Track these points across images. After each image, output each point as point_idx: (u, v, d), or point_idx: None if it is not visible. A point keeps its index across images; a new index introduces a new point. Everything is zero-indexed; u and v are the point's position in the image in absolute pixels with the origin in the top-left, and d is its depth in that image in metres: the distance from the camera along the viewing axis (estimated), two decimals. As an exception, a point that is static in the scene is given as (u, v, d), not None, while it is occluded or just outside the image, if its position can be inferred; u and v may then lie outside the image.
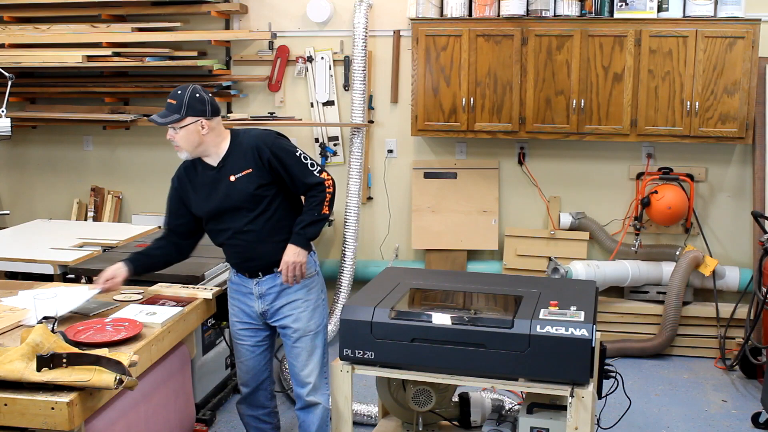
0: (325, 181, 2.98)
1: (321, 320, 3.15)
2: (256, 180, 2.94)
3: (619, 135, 4.83)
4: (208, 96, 2.96)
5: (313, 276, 3.11)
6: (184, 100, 2.89)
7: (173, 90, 2.92)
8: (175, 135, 2.92)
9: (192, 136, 2.92)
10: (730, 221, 5.10)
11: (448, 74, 4.92)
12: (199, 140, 2.94)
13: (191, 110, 2.89)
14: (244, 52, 5.51)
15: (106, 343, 2.58)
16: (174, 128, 2.91)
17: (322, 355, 3.15)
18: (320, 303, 3.15)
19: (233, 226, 3.00)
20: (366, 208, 5.49)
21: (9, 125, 4.13)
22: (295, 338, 3.09)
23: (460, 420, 3.30)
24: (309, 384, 3.12)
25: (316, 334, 3.12)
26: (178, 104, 2.89)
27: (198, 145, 2.95)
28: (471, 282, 3.32)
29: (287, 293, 3.06)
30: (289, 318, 3.08)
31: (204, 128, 2.92)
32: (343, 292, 5.19)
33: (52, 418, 2.23)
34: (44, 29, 5.34)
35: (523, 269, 5.17)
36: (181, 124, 2.90)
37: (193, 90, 2.92)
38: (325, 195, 2.97)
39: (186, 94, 2.90)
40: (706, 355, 4.88)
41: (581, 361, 2.60)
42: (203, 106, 2.92)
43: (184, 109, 2.88)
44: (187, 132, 2.91)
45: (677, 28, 4.67)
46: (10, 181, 6.05)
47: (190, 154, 2.98)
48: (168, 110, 2.90)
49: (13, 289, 3.31)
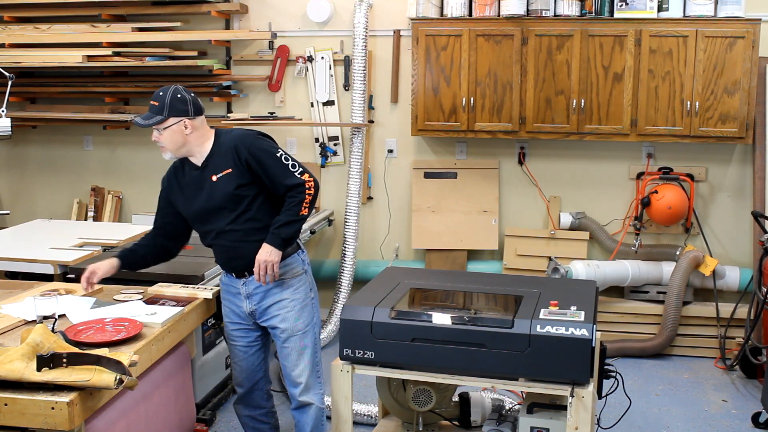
0: (306, 183, 2.93)
1: (310, 319, 3.12)
2: (236, 180, 2.95)
3: (619, 135, 4.83)
4: (190, 95, 2.97)
5: (299, 275, 3.09)
6: (165, 100, 2.91)
7: (155, 92, 2.95)
8: (160, 136, 2.95)
9: (176, 136, 2.94)
10: (730, 221, 5.10)
11: (448, 74, 4.92)
12: (183, 140, 2.95)
13: (173, 110, 2.91)
14: (244, 52, 5.51)
15: (106, 343, 2.58)
16: (158, 129, 2.93)
17: (312, 354, 3.13)
18: (308, 302, 3.12)
19: (217, 226, 3.01)
20: (366, 208, 5.49)
21: (9, 125, 4.13)
22: (284, 338, 3.10)
23: (460, 420, 3.30)
24: (300, 384, 3.13)
25: (304, 334, 3.10)
26: (160, 105, 2.91)
27: (182, 146, 2.97)
28: (471, 282, 3.32)
29: (273, 293, 3.06)
30: (276, 318, 3.08)
31: (187, 128, 2.94)
32: (343, 292, 5.19)
33: (52, 418, 2.23)
34: (44, 29, 5.34)
35: (523, 269, 5.17)
36: (165, 125, 2.92)
37: (174, 90, 2.94)
38: (304, 196, 2.93)
39: (168, 94, 2.92)
40: (706, 355, 4.88)
41: (581, 361, 2.60)
42: (185, 105, 2.93)
43: (166, 109, 2.90)
44: (171, 132, 2.93)
45: (677, 27, 4.67)
46: (10, 181, 6.05)
47: (174, 155, 3.00)
48: (151, 112, 2.93)
49: (13, 289, 3.31)
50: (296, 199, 2.93)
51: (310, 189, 2.94)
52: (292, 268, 3.06)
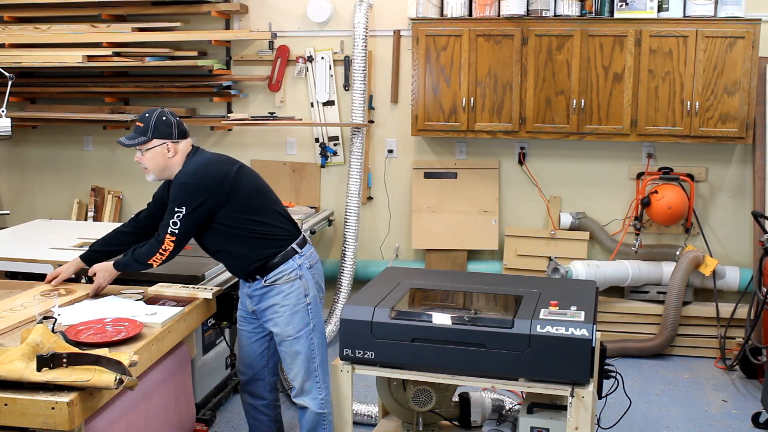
0: (163, 243, 2.94)
1: (302, 326, 3.09)
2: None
3: (619, 135, 4.83)
4: (176, 119, 3.02)
5: (293, 281, 3.07)
6: (150, 122, 2.95)
7: (141, 113, 3.00)
8: (142, 158, 3.00)
9: (158, 158, 2.98)
10: (730, 221, 5.10)
11: (448, 74, 4.92)
12: (165, 163, 2.99)
13: (157, 132, 2.95)
14: (244, 52, 5.51)
15: (106, 343, 2.58)
16: (140, 150, 2.98)
17: (306, 360, 3.11)
18: (301, 308, 3.09)
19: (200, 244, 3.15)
20: (366, 208, 5.49)
21: (9, 125, 4.13)
22: (278, 342, 3.14)
23: (461, 420, 3.30)
24: (294, 387, 3.17)
25: (296, 339, 3.09)
26: (144, 127, 2.95)
27: (164, 168, 3.01)
28: (471, 282, 3.32)
29: (267, 297, 3.08)
30: (270, 322, 3.12)
31: (170, 151, 2.98)
32: (343, 292, 5.19)
33: (52, 418, 2.23)
34: (44, 29, 5.34)
35: (523, 269, 5.17)
36: (147, 146, 2.96)
37: (160, 113, 2.98)
38: (156, 252, 2.96)
39: (153, 117, 2.97)
40: (706, 355, 4.88)
41: (581, 361, 2.60)
42: (169, 129, 2.98)
43: (150, 131, 2.95)
44: (154, 154, 2.97)
45: (677, 28, 4.67)
46: (10, 181, 6.05)
47: (157, 177, 3.05)
48: (135, 132, 2.98)
49: (13, 289, 3.32)
50: (155, 246, 2.97)
51: (163, 252, 2.96)
52: (286, 274, 3.06)
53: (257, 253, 3.03)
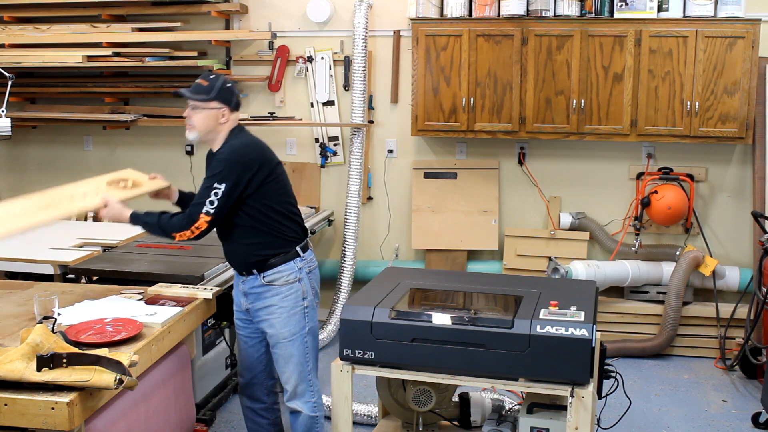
0: (197, 221, 2.90)
1: (298, 328, 3.08)
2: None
3: (619, 135, 4.83)
4: (237, 91, 3.05)
5: (292, 283, 3.06)
6: (216, 84, 2.97)
7: (205, 71, 2.95)
8: (193, 114, 2.97)
9: (210, 120, 2.97)
10: (730, 221, 5.10)
11: (448, 74, 4.92)
12: (214, 127, 2.98)
13: (220, 96, 2.96)
14: (244, 52, 5.51)
15: (106, 343, 2.58)
16: (196, 108, 2.96)
17: (300, 363, 3.10)
18: (298, 311, 3.08)
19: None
20: (366, 208, 5.49)
21: (9, 125, 4.14)
22: (272, 343, 3.12)
23: (460, 420, 3.30)
24: (287, 390, 3.14)
25: (291, 342, 3.08)
26: (209, 86, 2.96)
27: (211, 131, 2.99)
28: (471, 282, 3.32)
29: (264, 297, 3.06)
30: (265, 322, 3.10)
31: (224, 117, 2.98)
32: (343, 292, 5.19)
33: (52, 418, 2.23)
34: (44, 29, 5.34)
35: (523, 269, 5.17)
36: (207, 105, 2.95)
37: (225, 80, 3.01)
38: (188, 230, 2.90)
39: (219, 80, 2.98)
40: (706, 355, 4.88)
41: (581, 361, 2.60)
42: (231, 96, 3.00)
43: (214, 92, 2.95)
44: (208, 114, 2.96)
45: (677, 28, 4.67)
46: (10, 181, 6.05)
47: (200, 138, 3.01)
48: (196, 89, 2.96)
49: (13, 289, 3.32)
50: (185, 223, 2.91)
51: (194, 231, 2.91)
52: (284, 275, 3.05)
53: (262, 248, 3.02)
